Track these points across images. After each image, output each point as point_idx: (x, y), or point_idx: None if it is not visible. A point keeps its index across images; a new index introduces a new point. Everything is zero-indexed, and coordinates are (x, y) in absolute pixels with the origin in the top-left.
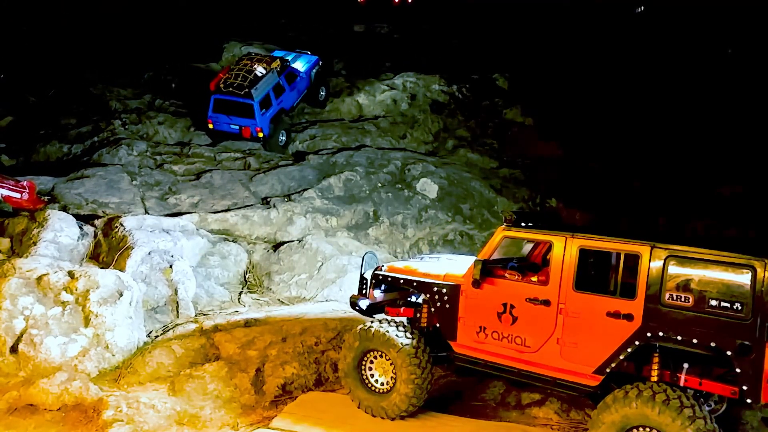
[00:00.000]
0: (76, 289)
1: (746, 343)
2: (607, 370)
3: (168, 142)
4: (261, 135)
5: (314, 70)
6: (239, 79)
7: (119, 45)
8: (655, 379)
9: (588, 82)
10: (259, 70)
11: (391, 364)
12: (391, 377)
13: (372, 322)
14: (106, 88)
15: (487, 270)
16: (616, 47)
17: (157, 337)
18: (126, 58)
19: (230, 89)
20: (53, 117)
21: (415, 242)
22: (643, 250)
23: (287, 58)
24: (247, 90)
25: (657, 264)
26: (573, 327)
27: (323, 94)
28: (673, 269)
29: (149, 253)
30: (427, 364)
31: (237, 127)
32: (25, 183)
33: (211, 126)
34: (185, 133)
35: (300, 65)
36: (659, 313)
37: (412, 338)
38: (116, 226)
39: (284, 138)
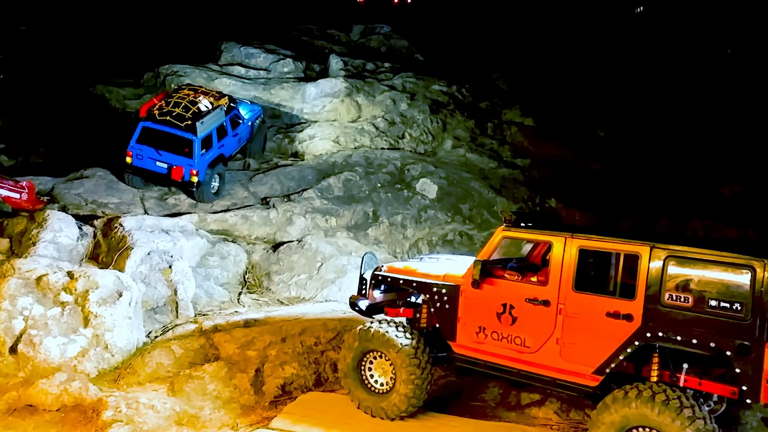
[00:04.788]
0: (76, 290)
1: (746, 343)
2: (607, 371)
3: None
4: (195, 180)
5: (257, 121)
6: (179, 108)
7: (119, 45)
8: (654, 379)
9: (588, 82)
10: (205, 103)
11: (390, 365)
12: (391, 378)
13: (371, 322)
14: (106, 88)
15: (487, 270)
16: (616, 47)
17: (156, 337)
18: (126, 58)
19: (167, 118)
20: (53, 117)
21: (415, 242)
22: (642, 250)
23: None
24: (189, 122)
25: (656, 264)
26: (572, 327)
27: (261, 146)
28: (673, 269)
29: (149, 254)
30: (427, 364)
31: (165, 166)
32: (24, 183)
33: (129, 160)
34: None
35: (243, 112)
36: (659, 313)
37: (412, 339)
38: (115, 227)
39: (217, 183)
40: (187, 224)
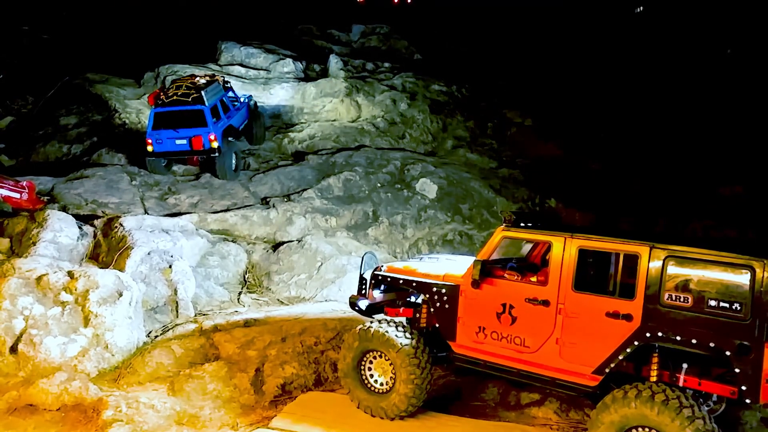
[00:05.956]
0: (76, 289)
1: (745, 343)
2: (607, 371)
3: None
4: (215, 145)
5: (250, 103)
6: (182, 89)
7: (119, 45)
8: (654, 379)
9: (588, 82)
10: (203, 81)
11: (390, 365)
12: (391, 377)
13: (371, 322)
14: (106, 87)
15: (487, 270)
16: (616, 47)
17: (156, 337)
18: (126, 58)
19: (174, 98)
20: (53, 117)
21: (415, 242)
22: (642, 250)
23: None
24: (196, 95)
25: (656, 264)
26: (572, 327)
27: (257, 130)
28: (672, 269)
29: (149, 253)
30: (427, 364)
31: (185, 142)
32: (24, 183)
33: (150, 148)
34: None
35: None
36: (658, 313)
37: (412, 338)
38: (116, 226)
39: (235, 162)
40: (187, 224)
